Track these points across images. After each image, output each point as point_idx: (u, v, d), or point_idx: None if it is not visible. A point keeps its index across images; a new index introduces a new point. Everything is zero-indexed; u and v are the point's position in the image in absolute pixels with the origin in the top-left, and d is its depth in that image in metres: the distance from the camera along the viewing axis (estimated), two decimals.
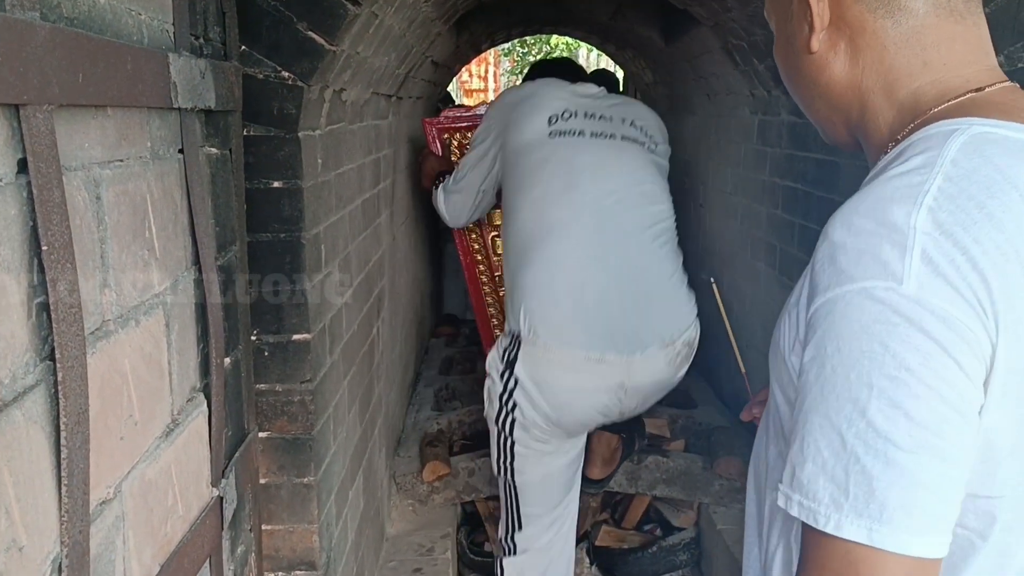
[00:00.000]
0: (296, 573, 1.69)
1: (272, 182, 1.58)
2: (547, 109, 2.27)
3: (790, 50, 0.94)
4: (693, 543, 2.88)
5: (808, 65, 0.92)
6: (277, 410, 1.64)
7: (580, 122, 2.25)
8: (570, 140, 2.20)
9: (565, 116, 2.25)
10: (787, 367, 0.83)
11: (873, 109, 0.90)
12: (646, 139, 2.31)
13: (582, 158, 2.17)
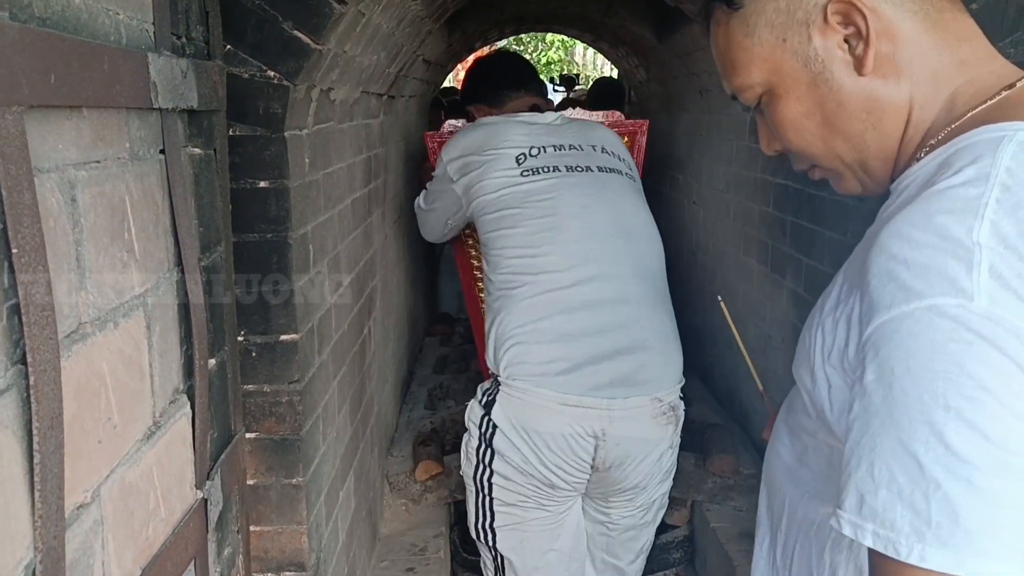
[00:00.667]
0: (285, 574, 1.69)
1: (258, 182, 1.57)
2: (511, 150, 2.10)
3: (823, 91, 0.86)
4: (686, 541, 2.88)
5: (857, 94, 0.85)
6: (265, 411, 1.63)
7: (551, 157, 2.10)
8: (546, 178, 2.04)
9: (533, 153, 2.09)
10: (820, 376, 0.80)
11: (918, 123, 0.85)
12: (621, 164, 2.18)
13: (563, 196, 2.03)
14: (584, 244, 1.97)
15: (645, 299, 1.99)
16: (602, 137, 2.23)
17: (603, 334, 1.92)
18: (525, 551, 2.08)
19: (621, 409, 1.90)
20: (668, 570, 2.87)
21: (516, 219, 2.02)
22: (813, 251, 2.33)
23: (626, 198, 2.10)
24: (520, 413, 1.93)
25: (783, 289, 2.58)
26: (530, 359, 1.92)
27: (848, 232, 2.09)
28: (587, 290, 1.94)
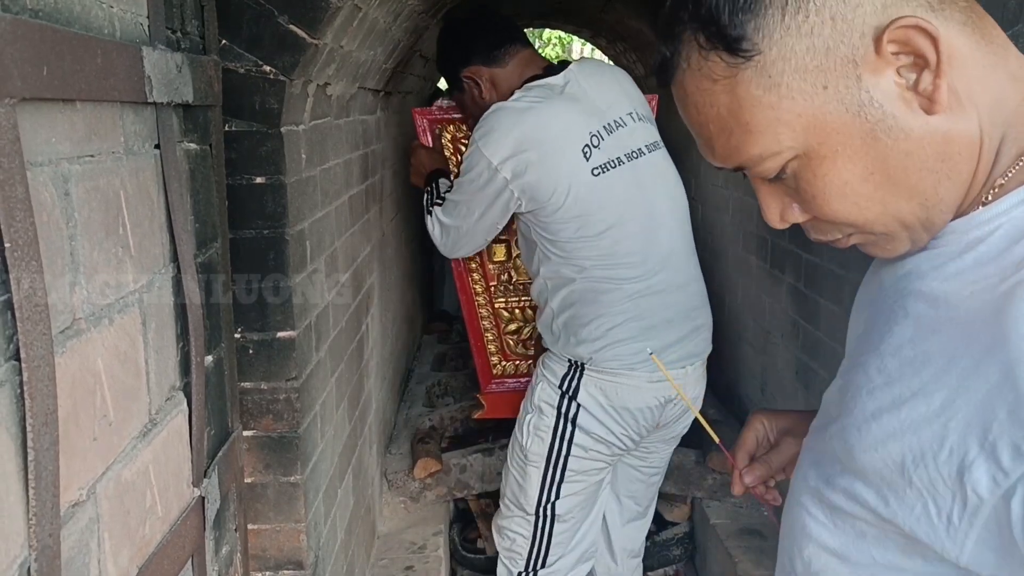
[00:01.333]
0: (284, 573, 1.68)
1: (255, 178, 1.56)
2: (575, 141, 1.99)
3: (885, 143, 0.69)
4: (687, 537, 2.87)
5: (928, 140, 0.69)
6: (262, 408, 1.62)
7: (611, 145, 2.04)
8: (615, 174, 2.02)
9: (595, 143, 2.02)
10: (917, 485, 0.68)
11: (986, 160, 0.71)
12: (652, 129, 2.18)
13: (630, 191, 2.03)
14: (652, 235, 2.04)
15: (696, 276, 2.17)
16: (625, 93, 2.17)
17: (677, 318, 2.06)
18: (577, 511, 2.20)
19: (687, 376, 2.10)
20: (669, 567, 2.87)
21: (590, 220, 2.00)
22: (812, 246, 2.32)
23: (669, 174, 2.15)
24: (611, 394, 2.05)
25: (782, 285, 2.58)
26: (621, 351, 2.02)
27: None
28: (658, 280, 2.04)
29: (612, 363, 2.03)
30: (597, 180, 2.00)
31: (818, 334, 2.29)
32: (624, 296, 2.02)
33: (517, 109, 2.01)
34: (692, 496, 2.83)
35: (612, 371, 2.03)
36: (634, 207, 2.03)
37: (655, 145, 2.14)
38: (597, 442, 2.09)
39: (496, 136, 1.98)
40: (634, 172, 2.05)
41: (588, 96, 2.07)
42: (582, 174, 1.98)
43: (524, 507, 2.18)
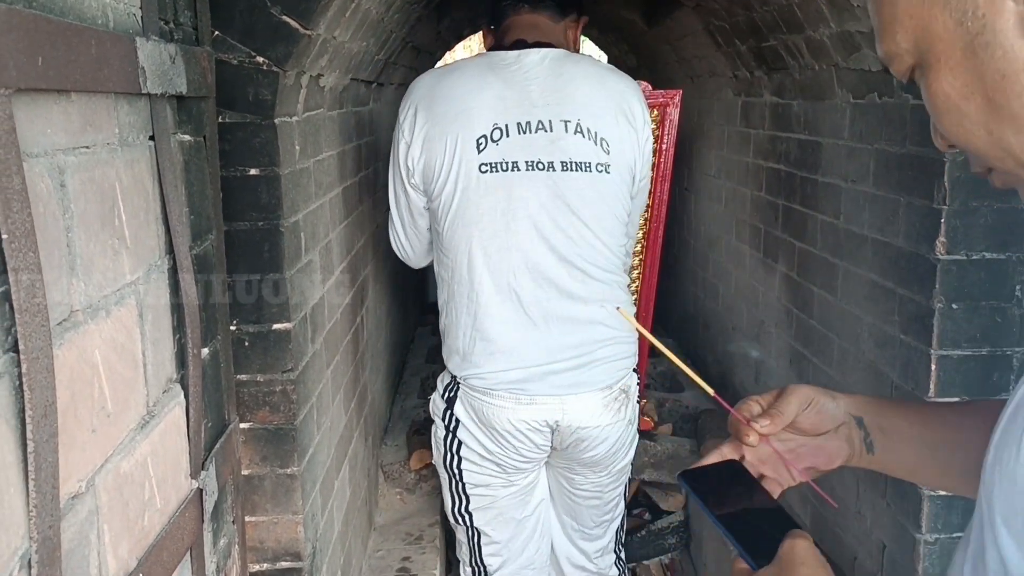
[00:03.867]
0: (282, 564, 1.68)
1: (249, 169, 1.56)
2: (475, 125, 1.81)
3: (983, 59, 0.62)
4: (682, 526, 2.88)
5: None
6: (259, 400, 1.62)
7: (512, 146, 1.81)
8: (502, 178, 1.81)
9: (495, 136, 1.81)
10: None
11: None
12: (596, 151, 1.84)
13: (515, 205, 1.81)
14: (535, 253, 1.83)
15: (598, 301, 1.88)
16: (585, 100, 1.86)
17: (546, 354, 1.86)
18: (499, 523, 2.10)
19: (574, 403, 1.89)
20: (664, 555, 2.88)
21: (464, 218, 1.84)
22: (805, 235, 2.32)
23: (586, 202, 1.84)
24: (480, 412, 1.91)
25: (775, 273, 2.58)
26: (482, 372, 1.87)
27: (840, 215, 2.09)
28: (537, 297, 1.84)
29: (474, 381, 1.88)
30: (483, 177, 1.81)
31: (811, 323, 2.30)
32: (485, 310, 1.85)
33: (436, 72, 1.96)
34: None
35: (476, 389, 1.89)
36: (505, 223, 1.82)
37: (585, 166, 1.83)
38: (483, 458, 1.95)
39: (408, 96, 1.92)
40: (528, 188, 1.81)
41: (526, 85, 1.85)
42: (469, 164, 1.81)
43: (449, 515, 2.13)
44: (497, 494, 2.04)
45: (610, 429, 1.95)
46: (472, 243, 1.84)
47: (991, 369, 1.69)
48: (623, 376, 1.95)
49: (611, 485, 2.10)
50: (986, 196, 1.63)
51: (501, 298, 1.85)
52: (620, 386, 1.95)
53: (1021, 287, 1.66)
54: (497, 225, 1.83)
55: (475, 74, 1.88)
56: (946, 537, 1.75)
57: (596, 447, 1.96)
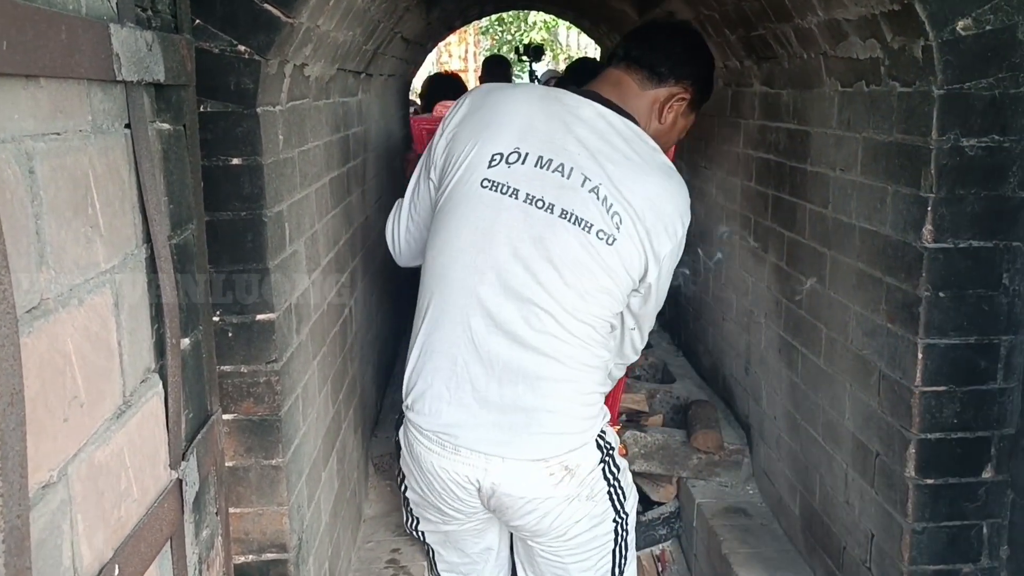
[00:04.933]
0: (267, 556, 1.67)
1: (231, 159, 1.54)
2: (496, 142, 1.74)
3: None
4: (673, 517, 2.88)
5: None
6: (243, 391, 1.61)
7: (523, 174, 1.71)
8: (498, 200, 1.71)
9: (511, 159, 1.72)
10: None
11: None
12: (602, 220, 1.69)
13: (500, 227, 1.71)
14: (488, 286, 1.72)
15: (550, 362, 1.73)
16: (616, 180, 1.71)
17: (496, 388, 1.73)
18: (450, 549, 2.07)
19: (502, 467, 1.75)
20: (655, 546, 2.88)
21: (448, 229, 1.77)
22: (795, 224, 2.32)
23: (570, 262, 1.70)
24: (412, 445, 1.85)
25: (765, 264, 2.58)
26: (420, 404, 1.80)
27: (829, 204, 2.08)
28: (488, 338, 1.72)
29: (411, 415, 1.82)
30: (481, 192, 1.73)
31: (800, 312, 2.29)
32: (431, 338, 1.78)
33: (501, 84, 1.96)
34: (677, 476, 2.84)
35: (412, 424, 1.82)
36: (481, 245, 1.72)
37: (585, 225, 1.69)
38: (415, 488, 1.90)
39: (463, 96, 1.91)
40: (519, 219, 1.70)
41: (568, 128, 1.76)
42: (475, 175, 1.74)
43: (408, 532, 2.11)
44: (440, 527, 1.99)
45: (540, 503, 1.79)
46: (443, 256, 1.77)
47: (978, 358, 1.69)
48: (564, 452, 1.76)
49: (572, 558, 1.91)
50: (973, 184, 1.63)
51: (453, 322, 1.75)
52: (561, 461, 1.76)
53: (1008, 275, 1.66)
54: (474, 244, 1.73)
55: (528, 98, 1.83)
56: (934, 526, 1.75)
57: (523, 517, 1.82)
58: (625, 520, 1.95)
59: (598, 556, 1.93)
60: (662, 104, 1.87)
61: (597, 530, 1.89)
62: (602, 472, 1.84)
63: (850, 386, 2.00)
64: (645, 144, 1.79)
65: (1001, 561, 1.77)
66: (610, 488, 1.87)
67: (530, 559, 2.00)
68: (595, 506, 1.85)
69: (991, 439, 1.72)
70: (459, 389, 1.75)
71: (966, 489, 1.74)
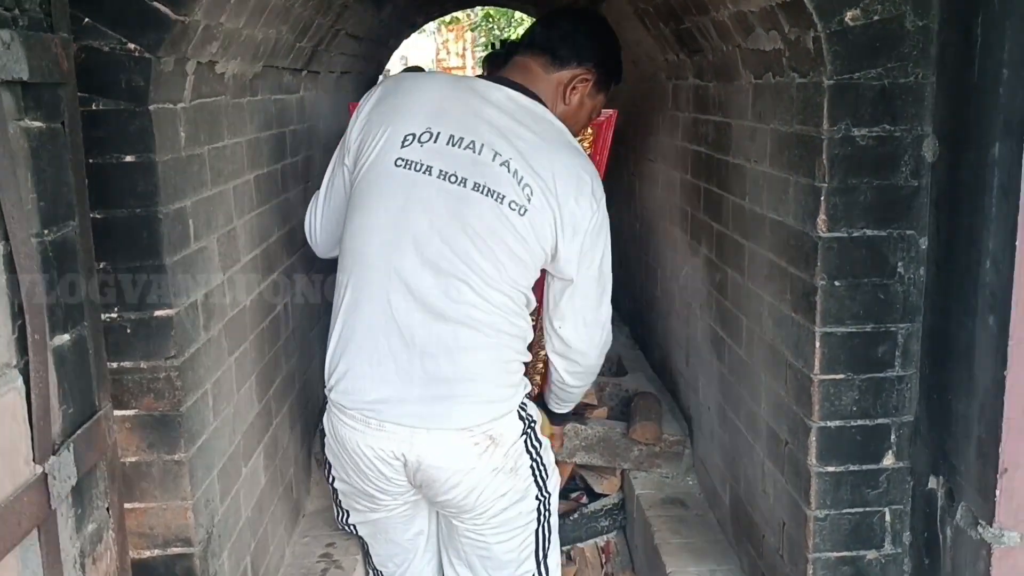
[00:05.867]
0: (172, 550, 1.69)
1: (124, 156, 1.56)
2: (408, 123, 1.79)
3: None
4: (616, 509, 2.90)
5: None
6: (143, 388, 1.63)
7: (436, 152, 1.76)
8: (412, 176, 1.75)
9: (423, 139, 1.77)
10: None
11: None
12: (513, 191, 1.75)
13: (415, 203, 1.75)
14: (414, 261, 1.75)
15: (471, 332, 1.76)
16: (526, 154, 1.77)
17: (418, 360, 1.76)
18: (380, 541, 2.09)
19: (427, 438, 1.77)
20: (598, 537, 2.89)
21: (363, 210, 1.80)
22: (722, 216, 2.33)
23: (486, 231, 1.74)
24: (335, 427, 1.86)
25: (699, 256, 2.59)
26: (342, 384, 1.82)
27: (747, 196, 2.10)
28: (406, 311, 1.75)
29: (333, 396, 1.83)
30: (394, 171, 1.77)
31: (726, 304, 2.31)
32: (350, 319, 1.80)
33: (417, 73, 2.02)
34: (620, 467, 2.85)
35: (335, 405, 1.83)
36: (396, 223, 1.76)
37: (497, 196, 1.74)
38: (342, 483, 1.92)
39: (377, 85, 1.96)
40: (431, 191, 1.75)
41: (479, 110, 1.81)
42: (388, 156, 1.78)
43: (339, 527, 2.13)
44: (369, 516, 2.00)
45: (465, 475, 1.81)
46: (360, 236, 1.80)
47: (875, 345, 1.70)
48: (487, 420, 1.79)
49: (495, 537, 1.93)
50: (865, 173, 1.64)
51: (372, 300, 1.77)
52: (485, 431, 1.79)
53: (903, 264, 1.67)
54: (390, 222, 1.77)
55: (441, 84, 1.89)
56: (836, 513, 1.77)
57: (449, 491, 1.84)
58: (547, 500, 1.97)
59: (522, 536, 1.96)
60: (565, 86, 1.92)
61: (520, 507, 1.91)
62: (524, 444, 1.88)
63: (764, 376, 2.01)
64: (552, 124, 1.86)
65: (904, 547, 1.78)
66: (532, 462, 1.91)
67: (453, 543, 2.00)
68: (518, 480, 1.88)
69: (891, 426, 1.73)
70: (381, 366, 1.77)
71: (867, 476, 1.75)
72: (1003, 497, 1.47)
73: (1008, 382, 1.43)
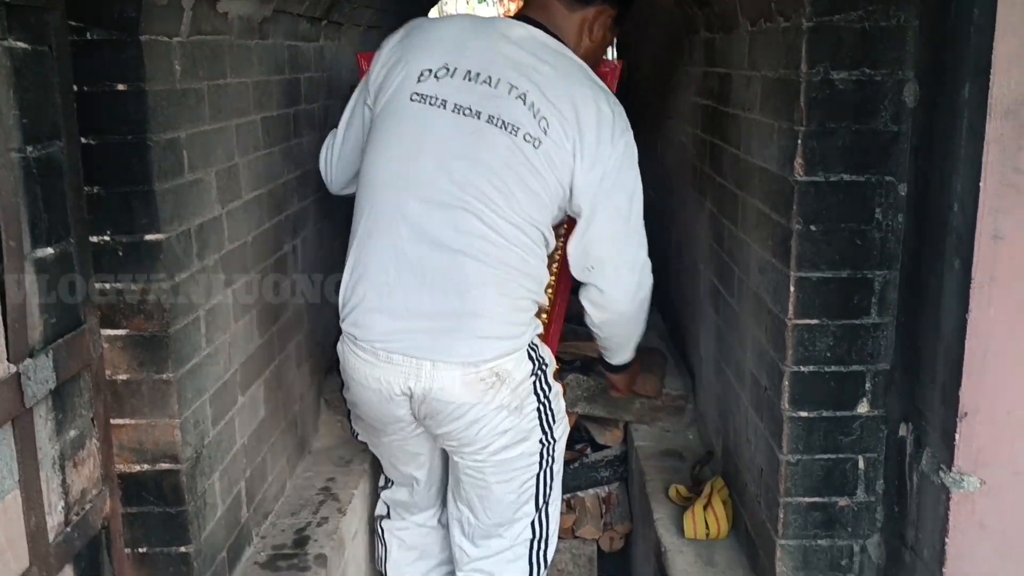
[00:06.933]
0: (161, 465, 1.77)
1: (116, 85, 1.62)
2: (425, 59, 1.84)
3: None
4: (617, 460, 2.93)
5: None
6: (134, 308, 1.70)
7: (452, 86, 1.81)
8: (427, 111, 1.81)
9: (439, 74, 1.81)
10: None
11: None
12: (529, 124, 1.78)
13: (428, 137, 1.81)
14: (426, 195, 1.79)
15: (481, 267, 1.79)
16: (545, 89, 1.80)
17: (427, 294, 1.80)
18: (386, 463, 2.22)
19: (431, 371, 1.82)
20: (600, 488, 2.93)
21: (378, 144, 1.88)
22: (722, 169, 2.33)
23: (499, 164, 1.77)
24: (345, 357, 1.93)
25: (705, 211, 2.59)
26: (354, 317, 1.88)
27: (741, 146, 2.09)
28: (417, 244, 1.80)
29: (346, 326, 1.91)
30: (410, 106, 1.83)
31: (723, 256, 2.31)
32: (364, 251, 1.86)
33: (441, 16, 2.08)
34: (622, 420, 2.88)
35: (348, 336, 1.91)
36: (410, 156, 1.82)
37: (512, 128, 1.77)
38: (351, 401, 2.02)
39: (402, 27, 2.01)
40: (448, 128, 1.79)
41: (497, 47, 1.85)
42: (405, 91, 1.84)
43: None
44: (374, 440, 2.12)
45: (469, 408, 1.85)
46: (375, 169, 1.87)
47: (851, 292, 1.70)
48: (494, 357, 1.83)
49: (495, 476, 1.96)
50: (844, 117, 1.63)
51: (382, 232, 1.83)
52: (492, 367, 1.83)
53: (882, 210, 1.66)
54: (403, 155, 1.83)
55: (462, 22, 1.96)
56: (808, 458, 1.78)
57: (451, 423, 1.88)
58: (552, 446, 2.00)
59: (522, 479, 1.99)
60: (592, 21, 1.97)
61: (523, 447, 1.94)
62: (533, 386, 1.91)
63: (750, 325, 2.02)
64: (573, 60, 1.90)
65: (877, 496, 1.79)
66: (540, 405, 1.94)
67: (456, 479, 2.06)
68: (523, 420, 1.91)
69: (865, 374, 1.73)
70: (391, 298, 1.82)
71: (841, 423, 1.76)
72: (962, 442, 1.47)
73: (969, 325, 1.42)
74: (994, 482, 1.48)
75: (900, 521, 1.70)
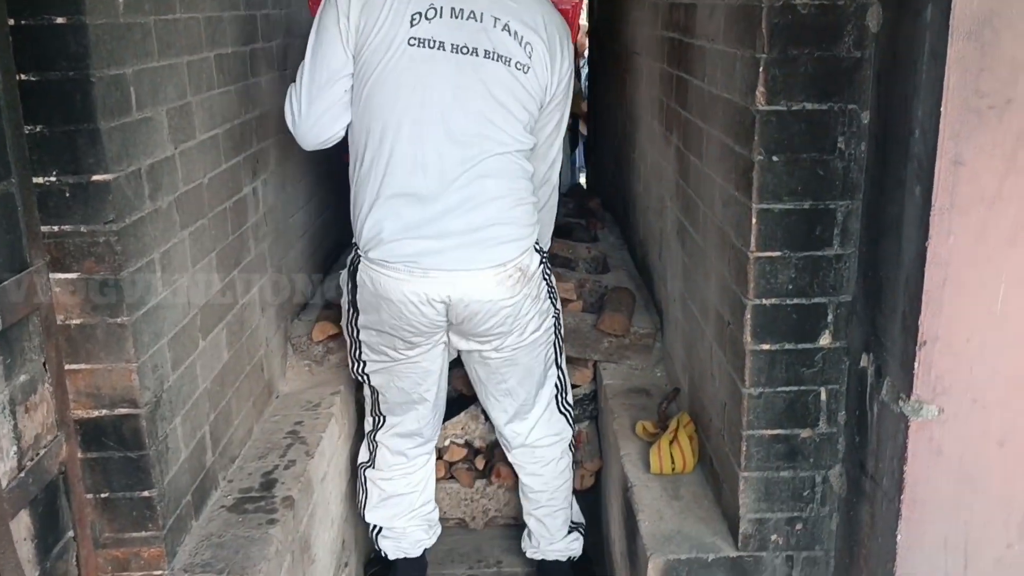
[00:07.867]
0: (119, 410, 1.74)
1: (54, 18, 1.55)
2: (411, 2, 2.01)
3: None
4: (587, 400, 2.94)
5: None
6: (83, 251, 1.66)
7: (443, 27, 2.01)
8: (428, 55, 2.00)
9: (429, 15, 2.00)
10: None
11: None
12: (517, 51, 2.05)
13: (436, 78, 2.01)
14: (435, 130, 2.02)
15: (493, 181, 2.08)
16: (518, 12, 2.06)
17: (452, 215, 2.05)
18: (392, 389, 2.37)
19: (467, 278, 2.08)
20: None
21: (384, 86, 2.03)
22: (688, 103, 2.30)
23: (499, 92, 2.05)
24: (376, 280, 2.11)
25: (671, 146, 2.56)
26: (383, 242, 2.07)
27: (705, 77, 2.06)
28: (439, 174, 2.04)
29: (373, 254, 2.09)
30: (410, 51, 2.00)
31: (689, 191, 2.29)
32: (386, 187, 2.06)
33: None
34: (591, 359, 2.88)
35: (374, 262, 2.10)
36: (422, 98, 2.02)
37: (505, 60, 2.04)
38: (379, 331, 2.20)
39: None
40: (450, 69, 2.01)
41: None
42: (400, 36, 2.00)
43: (352, 374, 2.41)
44: (389, 364, 2.29)
45: (504, 303, 2.14)
46: (387, 114, 2.04)
47: (813, 223, 1.69)
48: (517, 255, 2.12)
49: (526, 357, 2.31)
50: (806, 43, 1.60)
51: (406, 171, 2.04)
52: (516, 264, 2.12)
53: (844, 139, 1.64)
54: (414, 98, 2.02)
55: None
56: (771, 391, 1.78)
57: (490, 319, 2.16)
58: (559, 315, 2.40)
59: (544, 351, 2.37)
60: None
61: (544, 324, 2.31)
62: (542, 274, 2.25)
63: (714, 259, 2.01)
64: None
65: (839, 427, 1.80)
66: (548, 287, 2.30)
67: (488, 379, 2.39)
68: (541, 303, 2.26)
69: (827, 305, 1.73)
70: (418, 228, 2.05)
71: (803, 355, 1.76)
72: (921, 370, 1.48)
73: (929, 253, 1.41)
74: (952, 410, 1.49)
75: (861, 451, 1.72)
